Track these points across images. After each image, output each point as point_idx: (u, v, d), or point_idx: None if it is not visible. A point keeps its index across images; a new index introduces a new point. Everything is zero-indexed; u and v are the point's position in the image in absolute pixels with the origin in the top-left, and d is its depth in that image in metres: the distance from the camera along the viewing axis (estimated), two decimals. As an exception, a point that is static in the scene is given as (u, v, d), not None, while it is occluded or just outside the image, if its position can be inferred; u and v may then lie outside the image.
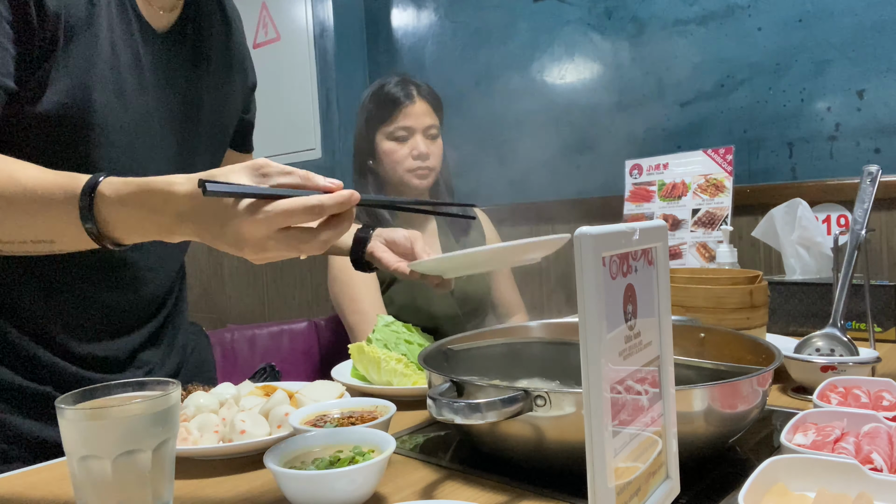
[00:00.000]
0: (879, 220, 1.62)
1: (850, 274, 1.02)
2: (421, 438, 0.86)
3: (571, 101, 2.19)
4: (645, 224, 0.55)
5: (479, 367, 0.95)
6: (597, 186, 2.08)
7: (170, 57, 1.00)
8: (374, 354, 1.05)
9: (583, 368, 0.48)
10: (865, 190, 1.03)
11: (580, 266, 0.47)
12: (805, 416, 0.75)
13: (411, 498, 0.68)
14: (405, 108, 1.62)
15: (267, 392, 0.94)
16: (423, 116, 1.63)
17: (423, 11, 2.60)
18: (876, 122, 1.65)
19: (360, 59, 2.78)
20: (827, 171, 1.71)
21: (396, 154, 1.63)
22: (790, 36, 1.75)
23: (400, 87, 1.64)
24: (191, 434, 0.81)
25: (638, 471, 0.54)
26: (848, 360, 0.96)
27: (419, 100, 1.64)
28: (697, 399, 0.67)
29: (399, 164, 1.63)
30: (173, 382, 0.66)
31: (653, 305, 0.58)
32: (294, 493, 0.64)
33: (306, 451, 0.71)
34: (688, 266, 1.68)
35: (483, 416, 0.63)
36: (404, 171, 1.63)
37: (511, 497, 0.67)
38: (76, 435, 0.60)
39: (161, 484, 0.63)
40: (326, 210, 0.66)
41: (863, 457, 0.64)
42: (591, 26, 2.12)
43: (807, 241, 1.53)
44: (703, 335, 0.95)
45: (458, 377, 0.74)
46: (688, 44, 1.92)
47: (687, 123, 1.94)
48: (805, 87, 1.74)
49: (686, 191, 1.74)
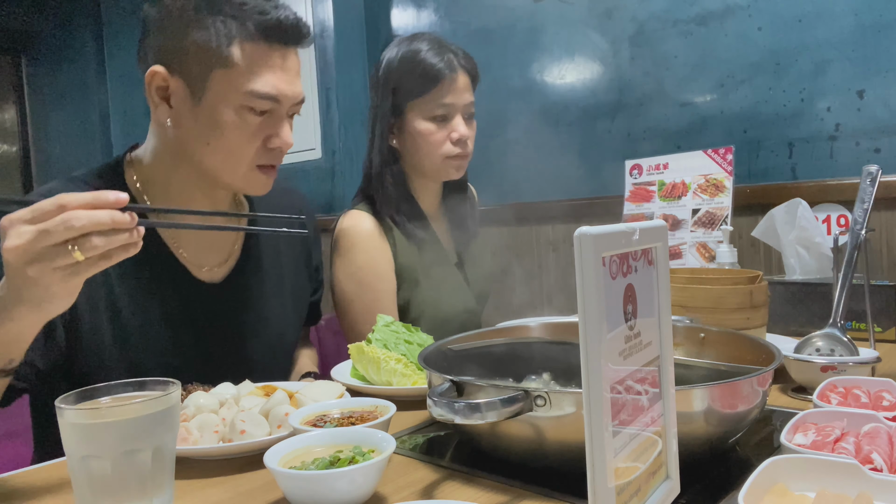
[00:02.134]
0: (879, 220, 1.62)
1: (850, 274, 1.02)
2: (421, 438, 0.86)
3: (571, 100, 2.19)
4: (645, 224, 0.55)
5: (479, 367, 0.95)
6: (597, 186, 2.08)
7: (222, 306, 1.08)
8: (373, 354, 1.05)
9: (583, 368, 0.48)
10: (865, 190, 1.03)
11: (580, 266, 0.47)
12: (805, 416, 0.75)
13: (411, 498, 0.67)
14: (449, 82, 1.35)
15: (267, 392, 0.94)
16: (464, 92, 1.38)
17: (423, 11, 2.60)
18: (876, 122, 1.64)
19: (360, 59, 2.78)
20: (827, 171, 1.71)
21: (434, 137, 1.38)
22: (790, 36, 1.75)
23: (439, 56, 1.36)
24: (191, 434, 0.81)
25: (638, 471, 0.54)
26: (848, 360, 0.96)
27: (461, 72, 1.37)
28: (697, 399, 0.67)
29: (436, 149, 1.39)
30: (173, 382, 0.66)
31: (653, 305, 0.58)
32: (294, 493, 0.64)
33: (306, 451, 0.71)
34: (688, 266, 1.68)
35: (483, 416, 0.63)
36: (442, 159, 1.41)
37: (511, 497, 0.67)
38: (76, 435, 0.60)
39: (161, 484, 0.63)
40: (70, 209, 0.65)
41: (863, 457, 0.64)
42: (591, 26, 2.12)
43: (807, 241, 1.53)
44: (703, 335, 0.95)
45: (458, 377, 0.74)
46: (688, 44, 1.92)
47: (687, 123, 1.94)
48: (805, 87, 1.74)
49: (686, 191, 1.74)
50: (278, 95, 0.98)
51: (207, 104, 0.97)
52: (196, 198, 1.08)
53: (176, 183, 1.06)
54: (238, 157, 1.00)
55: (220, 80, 0.96)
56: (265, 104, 0.98)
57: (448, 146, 1.39)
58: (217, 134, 0.98)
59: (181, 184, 1.06)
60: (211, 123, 0.97)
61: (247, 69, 0.96)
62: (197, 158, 1.01)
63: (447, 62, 1.37)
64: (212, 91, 0.96)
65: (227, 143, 0.98)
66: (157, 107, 0.99)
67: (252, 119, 0.98)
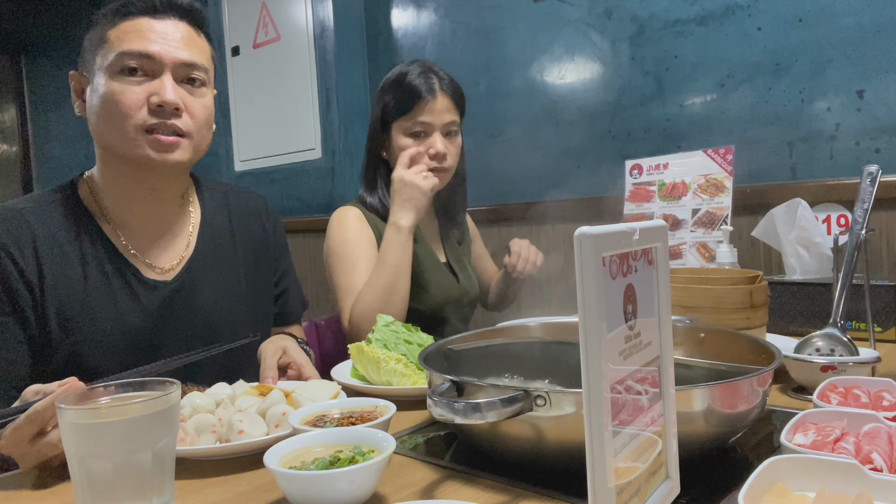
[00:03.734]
0: (879, 220, 1.62)
1: (850, 274, 1.02)
2: (421, 438, 0.86)
3: (571, 100, 2.19)
4: (645, 224, 0.55)
5: (479, 367, 0.95)
6: (597, 186, 2.08)
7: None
8: (373, 354, 1.05)
9: (583, 368, 0.48)
10: (865, 190, 1.03)
11: (580, 266, 0.47)
12: (805, 416, 0.75)
13: (411, 498, 0.67)
14: (425, 103, 1.50)
15: (262, 392, 0.94)
16: (443, 113, 1.52)
17: (423, 11, 2.60)
18: (876, 122, 1.64)
19: (360, 60, 2.78)
20: (827, 171, 1.71)
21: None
22: (790, 36, 1.75)
23: (422, 79, 1.52)
24: (188, 434, 0.81)
25: (638, 471, 0.54)
26: (848, 360, 0.96)
27: (441, 94, 1.52)
28: (697, 399, 0.67)
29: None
30: (173, 382, 0.66)
31: (653, 305, 0.58)
32: (294, 493, 0.64)
33: (306, 451, 0.71)
34: (688, 266, 1.68)
35: (483, 416, 0.63)
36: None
37: (511, 497, 0.67)
38: (76, 435, 0.60)
39: (161, 484, 0.63)
40: (42, 413, 0.74)
41: (863, 457, 0.64)
42: (591, 26, 2.12)
43: (806, 241, 1.53)
44: (703, 335, 0.95)
45: (458, 377, 0.74)
46: (688, 44, 1.92)
47: (687, 123, 1.94)
48: (805, 87, 1.74)
49: (686, 191, 1.74)
50: (149, 52, 1.03)
51: (95, 84, 1.05)
52: (136, 191, 1.11)
53: (113, 180, 1.11)
54: (123, 120, 1.03)
55: (99, 59, 1.05)
56: (135, 61, 1.03)
57: (425, 160, 1.52)
58: (101, 106, 1.04)
59: (116, 179, 1.11)
60: (98, 96, 1.05)
61: (116, 40, 1.04)
62: (99, 141, 1.08)
63: (428, 85, 1.51)
64: (96, 72, 1.05)
65: (112, 109, 1.03)
66: (75, 103, 1.09)
67: (129, 81, 1.03)
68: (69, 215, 1.08)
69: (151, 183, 1.11)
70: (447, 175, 1.57)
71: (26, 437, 0.75)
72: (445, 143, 1.53)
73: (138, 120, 1.03)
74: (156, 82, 1.04)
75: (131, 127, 1.03)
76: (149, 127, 1.03)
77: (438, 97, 1.51)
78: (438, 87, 1.52)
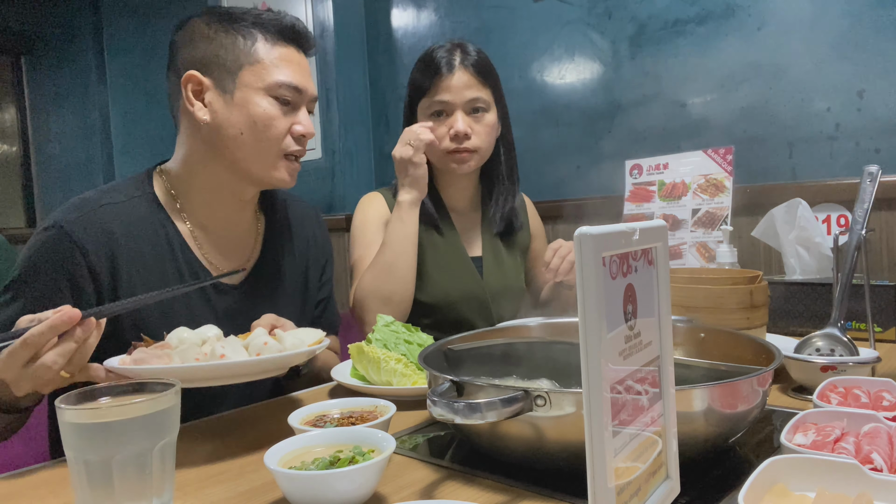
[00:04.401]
0: (879, 220, 1.62)
1: (850, 274, 1.02)
2: (421, 438, 0.86)
3: (571, 100, 2.19)
4: (645, 224, 0.55)
5: (479, 367, 0.95)
6: (597, 186, 2.09)
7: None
8: (373, 354, 1.05)
9: (583, 368, 0.48)
10: (865, 190, 1.03)
11: (580, 266, 0.48)
12: (805, 416, 0.75)
13: (411, 498, 0.67)
14: (442, 80, 1.42)
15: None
16: (464, 90, 1.42)
17: (423, 11, 2.60)
18: (876, 122, 1.65)
19: (360, 59, 2.79)
20: (827, 171, 1.71)
21: (434, 132, 1.43)
22: (790, 36, 1.75)
23: (444, 55, 1.43)
24: (172, 361, 0.83)
25: (638, 471, 0.54)
26: (848, 360, 0.96)
27: (461, 70, 1.42)
28: (697, 399, 0.67)
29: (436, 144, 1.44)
30: (173, 382, 0.66)
31: (653, 305, 0.58)
32: (294, 493, 0.64)
33: (306, 451, 0.71)
34: (688, 266, 1.68)
35: (483, 416, 0.63)
36: (442, 153, 1.46)
37: (511, 497, 0.67)
38: (76, 435, 0.60)
39: (161, 484, 0.63)
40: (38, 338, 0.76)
41: (863, 457, 0.64)
42: (591, 26, 2.13)
43: (807, 241, 1.53)
44: (703, 335, 0.95)
45: (458, 377, 0.74)
46: (688, 44, 1.92)
47: (687, 123, 1.94)
48: (805, 87, 1.74)
49: (686, 191, 1.74)
50: (300, 86, 1.10)
51: (239, 97, 1.07)
52: (224, 197, 1.14)
53: (205, 184, 1.13)
54: (267, 144, 1.09)
55: (249, 75, 1.07)
56: (289, 94, 1.09)
57: (446, 141, 1.45)
58: (249, 123, 1.07)
59: (210, 184, 1.13)
60: (244, 113, 1.07)
61: (271, 64, 1.08)
62: (230, 151, 1.09)
63: (447, 61, 1.43)
64: (242, 85, 1.07)
65: (258, 131, 1.08)
66: (194, 106, 1.08)
67: (281, 108, 1.09)
68: (148, 214, 1.09)
69: (244, 194, 1.16)
70: (475, 157, 1.47)
71: (21, 361, 0.77)
72: (469, 121, 1.44)
73: (278, 144, 1.10)
74: (297, 112, 1.12)
75: (273, 151, 1.10)
76: (287, 153, 1.12)
77: (457, 73, 1.42)
78: (459, 62, 1.43)
